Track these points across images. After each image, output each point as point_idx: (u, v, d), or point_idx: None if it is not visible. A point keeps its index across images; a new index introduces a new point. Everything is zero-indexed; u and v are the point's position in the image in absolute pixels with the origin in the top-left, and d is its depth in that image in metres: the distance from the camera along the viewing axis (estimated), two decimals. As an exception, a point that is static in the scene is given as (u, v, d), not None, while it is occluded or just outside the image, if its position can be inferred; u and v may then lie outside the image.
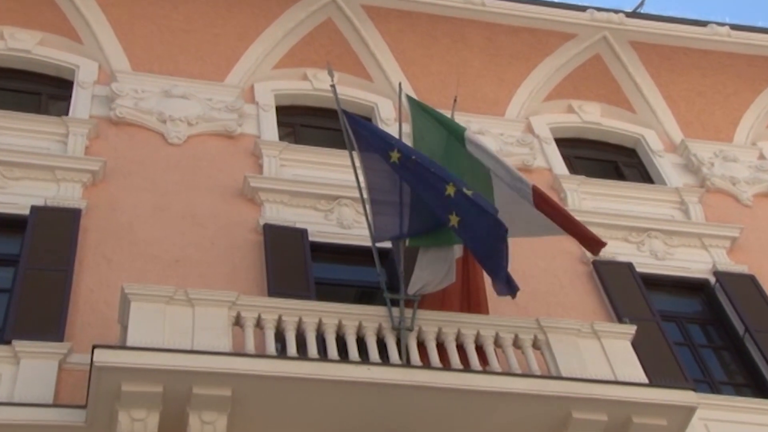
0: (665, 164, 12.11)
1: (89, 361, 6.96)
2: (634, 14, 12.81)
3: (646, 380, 7.93)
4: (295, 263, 9.06)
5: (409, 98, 9.27)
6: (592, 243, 8.00)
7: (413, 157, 7.98)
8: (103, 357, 6.83)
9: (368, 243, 8.52)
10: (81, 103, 10.73)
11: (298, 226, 9.62)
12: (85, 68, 11.26)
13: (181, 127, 10.66)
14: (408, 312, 7.93)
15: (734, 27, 12.85)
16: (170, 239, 9.20)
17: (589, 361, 7.89)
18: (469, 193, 7.66)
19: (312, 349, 7.51)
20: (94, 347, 6.92)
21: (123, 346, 7.17)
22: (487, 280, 8.48)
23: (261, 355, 7.30)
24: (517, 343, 8.01)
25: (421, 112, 8.92)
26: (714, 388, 9.22)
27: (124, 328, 7.44)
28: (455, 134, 8.51)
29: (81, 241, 8.90)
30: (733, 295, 10.10)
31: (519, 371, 7.70)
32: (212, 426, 6.86)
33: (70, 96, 10.92)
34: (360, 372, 7.19)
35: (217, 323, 7.43)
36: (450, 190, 7.72)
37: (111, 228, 9.20)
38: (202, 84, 11.30)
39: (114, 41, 11.46)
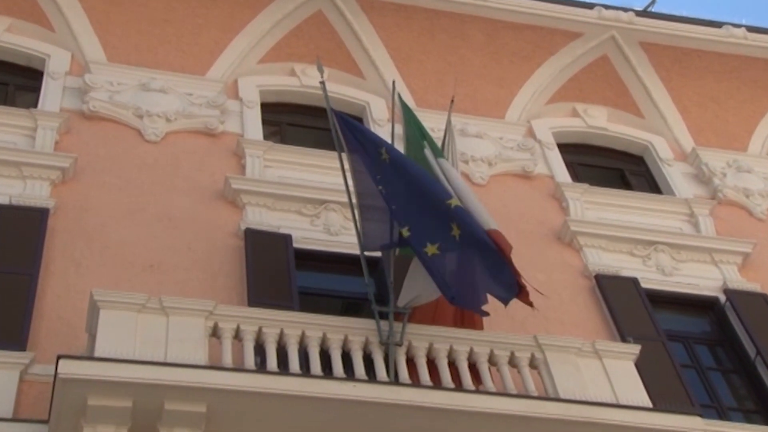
0: (674, 173, 12.16)
1: (53, 373, 6.93)
2: (644, 13, 12.88)
3: (650, 404, 7.94)
4: (278, 271, 9.06)
5: (402, 101, 9.32)
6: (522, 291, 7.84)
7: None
8: (68, 368, 6.80)
9: (356, 251, 8.53)
10: (51, 95, 10.72)
11: (281, 231, 9.63)
12: (57, 58, 11.24)
13: (158, 123, 10.65)
14: (397, 326, 7.94)
15: (751, 29, 12.93)
16: (144, 243, 9.18)
17: (590, 382, 7.91)
18: (453, 204, 7.77)
19: (294, 363, 7.50)
20: (58, 357, 6.89)
21: (90, 357, 7.13)
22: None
23: (239, 368, 7.28)
24: (513, 362, 8.03)
25: (409, 117, 9.03)
26: (722, 414, 9.25)
27: (92, 338, 7.42)
28: (434, 150, 8.69)
29: (48, 243, 8.87)
30: (744, 315, 10.13)
31: (515, 391, 7.71)
32: (185, 444, 6.85)
33: (40, 87, 10.90)
34: (345, 389, 7.18)
35: (193, 334, 7.41)
36: (454, 202, 7.81)
37: (81, 230, 9.17)
38: (182, 77, 11.31)
39: (88, 30, 11.45)
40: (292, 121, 11.71)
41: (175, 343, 7.29)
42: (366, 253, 8.39)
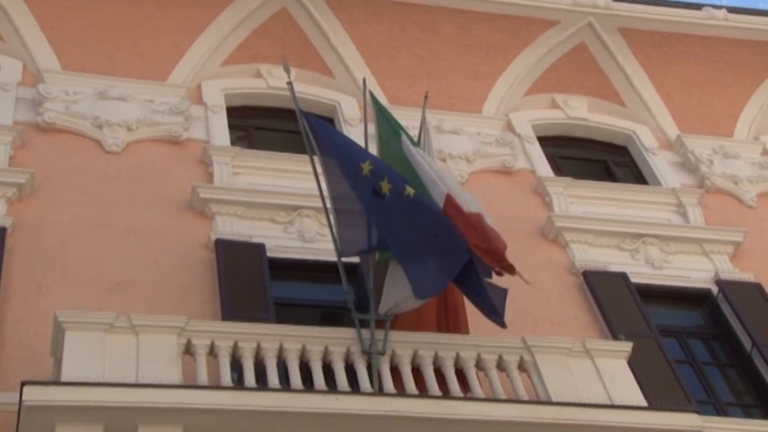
0: (660, 163, 12.26)
1: (18, 401, 6.87)
2: (621, -3, 12.99)
3: (644, 403, 8.00)
4: (252, 282, 9.04)
5: (372, 96, 9.34)
6: (501, 263, 7.92)
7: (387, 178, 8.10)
8: (33, 395, 6.76)
9: (333, 258, 8.54)
10: (3, 107, 10.63)
11: (254, 240, 9.61)
12: (7, 68, 11.16)
13: (119, 133, 10.61)
14: (379, 334, 7.95)
15: (732, 10, 13.07)
16: (109, 259, 9.13)
17: (582, 383, 7.95)
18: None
19: (273, 378, 7.50)
20: (23, 384, 6.84)
21: (57, 382, 7.09)
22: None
23: (215, 386, 7.27)
24: (501, 366, 8.06)
25: (381, 112, 9.06)
26: (720, 409, 9.33)
27: (58, 362, 7.37)
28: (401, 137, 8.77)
29: (6, 264, 8.79)
30: (738, 306, 10.23)
31: (504, 397, 7.74)
32: (161, 468, 6.82)
33: (-9, 100, 10.82)
34: (327, 402, 7.19)
35: (165, 352, 7.38)
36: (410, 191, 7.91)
37: (41, 248, 9.11)
38: (141, 84, 11.26)
39: (40, 37, 11.37)
40: (260, 125, 11.69)
41: (147, 362, 7.26)
42: (343, 259, 8.40)
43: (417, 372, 7.88)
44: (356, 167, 8.14)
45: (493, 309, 7.91)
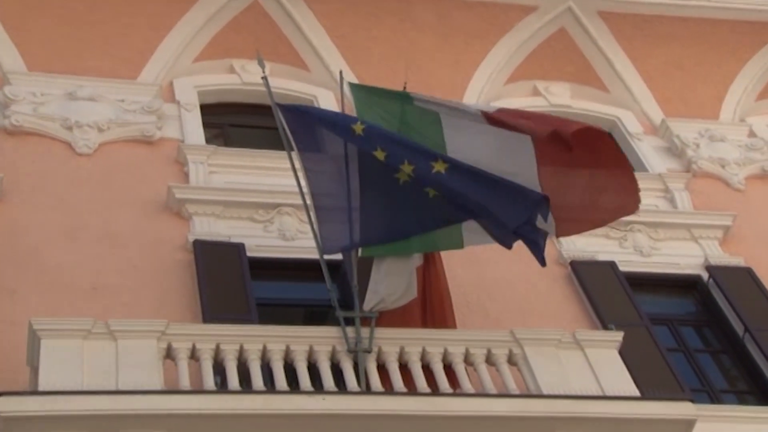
0: (645, 148, 12.33)
1: (-6, 412, 6.85)
2: (601, -20, 13.03)
3: (637, 393, 8.05)
4: (233, 283, 9.04)
5: (351, 85, 9.31)
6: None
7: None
8: (9, 405, 6.74)
9: (315, 256, 8.54)
10: (-31, 112, 10.58)
11: (233, 240, 9.60)
12: (-29, 71, 11.10)
13: (90, 134, 10.56)
14: (365, 331, 7.97)
15: (713, -10, 13.16)
16: (85, 264, 9.10)
17: (573, 374, 7.99)
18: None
19: (257, 380, 7.50)
20: (-1, 395, 6.83)
21: (34, 392, 7.08)
22: (453, 288, 8.56)
23: (198, 390, 7.27)
24: (490, 360, 8.09)
25: (365, 96, 9.00)
26: (714, 397, 9.41)
27: (35, 371, 7.35)
28: (404, 101, 8.77)
29: (-23, 273, 8.77)
30: (729, 291, 10.31)
31: (494, 391, 7.78)
32: (145, 477, 6.82)
33: (-45, 104, 10.75)
34: (314, 403, 7.21)
35: (145, 357, 7.38)
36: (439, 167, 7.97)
37: (12, 255, 9.06)
38: (112, 83, 11.22)
39: (4, 38, 11.30)
40: (235, 122, 11.68)
41: (127, 368, 7.25)
42: (326, 256, 8.40)
43: (404, 369, 7.90)
44: (368, 154, 8.13)
45: (539, 249, 7.92)
